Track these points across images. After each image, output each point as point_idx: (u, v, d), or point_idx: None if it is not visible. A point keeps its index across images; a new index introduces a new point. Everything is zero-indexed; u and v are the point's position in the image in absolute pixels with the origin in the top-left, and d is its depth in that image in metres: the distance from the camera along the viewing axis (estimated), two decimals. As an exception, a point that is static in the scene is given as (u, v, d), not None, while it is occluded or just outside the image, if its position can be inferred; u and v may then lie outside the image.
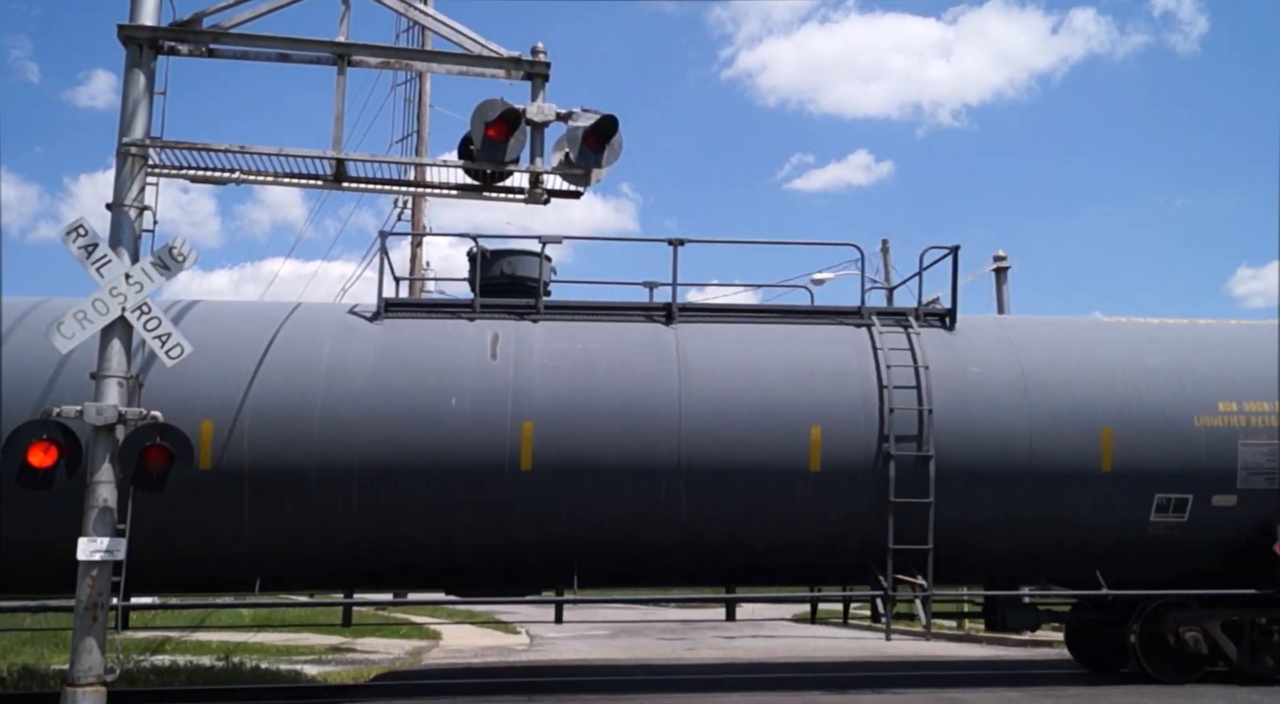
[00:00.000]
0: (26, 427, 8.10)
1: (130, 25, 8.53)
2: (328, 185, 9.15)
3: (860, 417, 9.99)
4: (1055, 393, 10.33)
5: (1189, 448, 10.38)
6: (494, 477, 9.41)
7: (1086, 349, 10.77)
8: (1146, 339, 11.04)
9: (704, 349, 10.15)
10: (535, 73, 9.02)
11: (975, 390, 10.29)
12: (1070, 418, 10.22)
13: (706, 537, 9.84)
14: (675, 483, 9.63)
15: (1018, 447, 10.12)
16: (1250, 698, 10.05)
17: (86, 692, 7.90)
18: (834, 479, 9.86)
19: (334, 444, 9.31)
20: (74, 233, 8.20)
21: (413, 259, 20.40)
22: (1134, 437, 10.31)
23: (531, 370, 9.77)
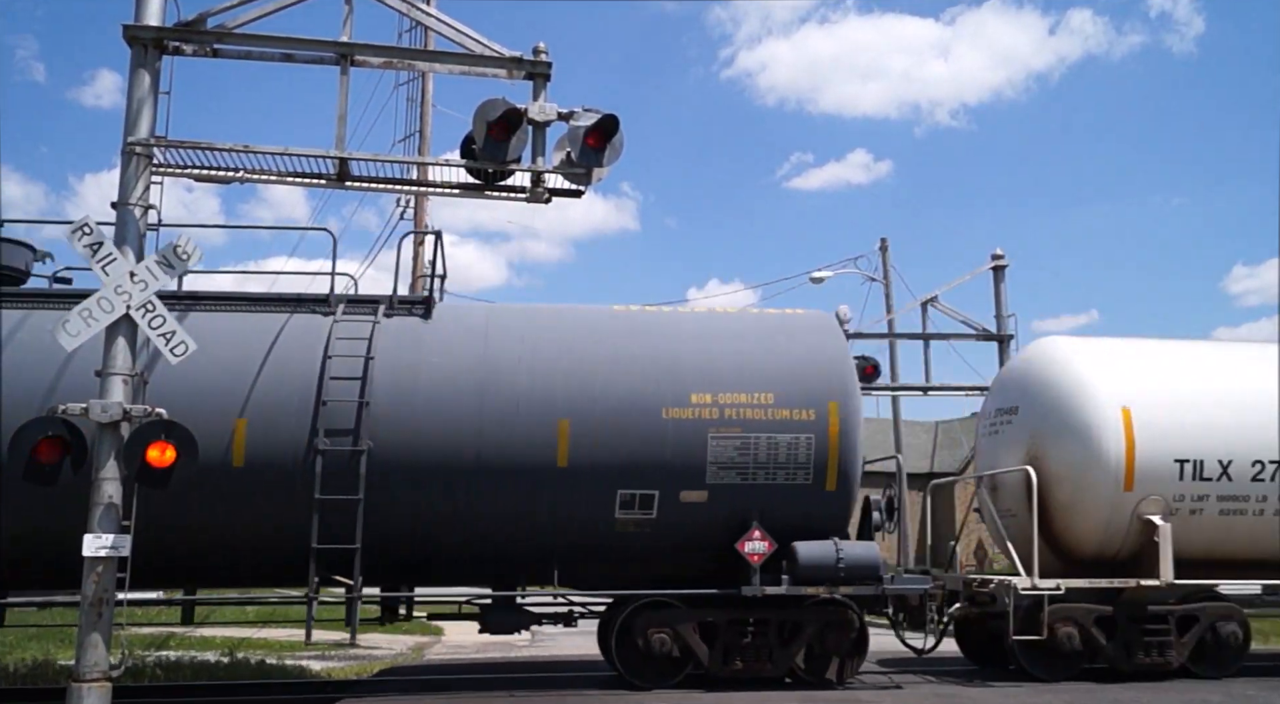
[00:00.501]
0: (33, 423, 8.18)
1: (135, 25, 8.59)
2: (331, 184, 9.22)
3: (295, 410, 9.48)
4: (515, 384, 9.78)
5: (655, 441, 9.84)
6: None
7: (564, 339, 10.21)
8: (633, 330, 10.47)
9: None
10: (537, 72, 9.08)
11: (430, 382, 9.76)
12: (528, 410, 9.65)
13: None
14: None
15: (467, 440, 9.60)
16: (1247, 692, 10.11)
17: (92, 687, 7.96)
18: (262, 476, 9.33)
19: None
20: (79, 231, 8.27)
21: (415, 259, 20.44)
22: (595, 430, 9.78)
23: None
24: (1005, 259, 19.42)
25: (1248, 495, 11.12)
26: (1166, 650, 10.85)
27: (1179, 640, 10.91)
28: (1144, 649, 10.82)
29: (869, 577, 10.04)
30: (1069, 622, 10.73)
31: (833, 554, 9.93)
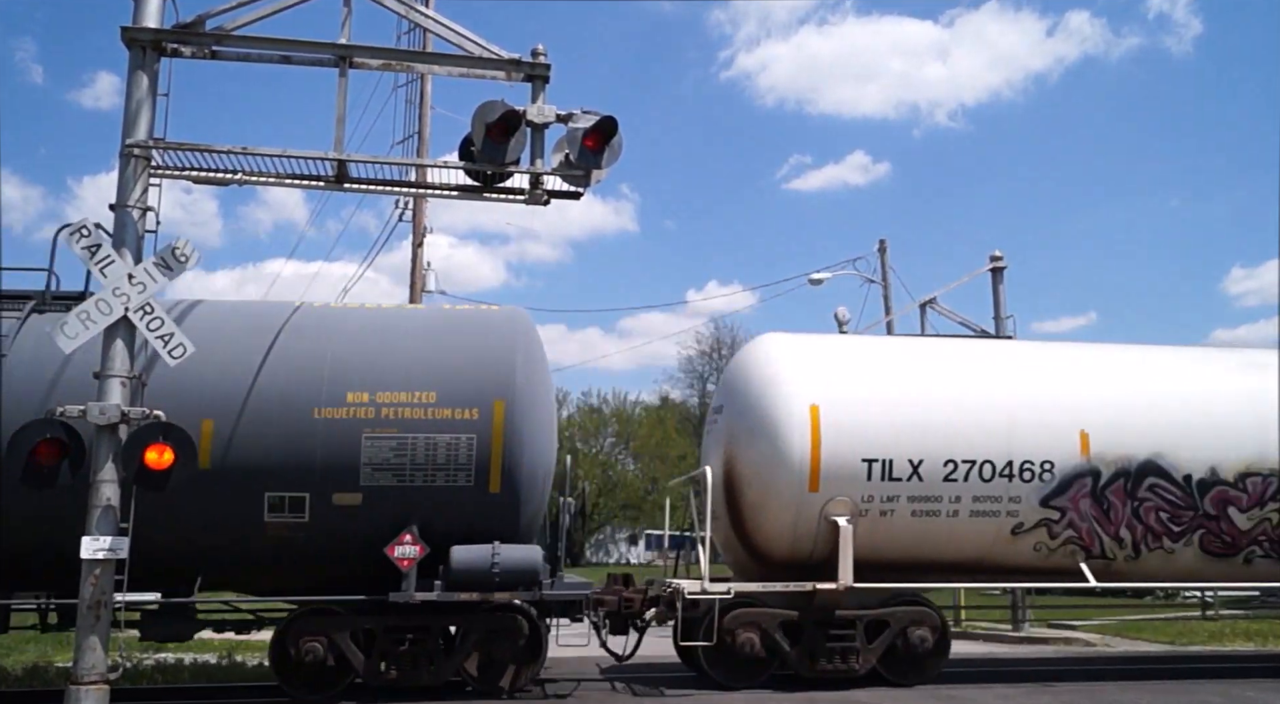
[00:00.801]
0: (31, 426, 8.18)
1: (134, 28, 8.60)
2: (329, 186, 9.22)
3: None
4: (158, 382, 9.14)
5: (305, 442, 9.43)
6: None
7: (213, 335, 9.59)
8: (293, 327, 10.01)
9: None
10: (535, 74, 9.09)
11: (67, 381, 9.20)
12: (168, 410, 8.63)
13: None
14: None
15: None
16: (1246, 693, 10.12)
17: (90, 689, 7.97)
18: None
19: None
20: (78, 233, 8.27)
21: (414, 260, 20.41)
22: (240, 430, 9.36)
23: None
24: (1004, 261, 19.40)
25: (940, 496, 10.63)
26: (851, 657, 10.33)
27: (867, 646, 10.36)
28: (827, 655, 10.31)
29: (527, 581, 9.58)
30: (751, 627, 10.25)
31: (487, 558, 9.48)
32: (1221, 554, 11.03)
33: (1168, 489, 10.89)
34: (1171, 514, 10.91)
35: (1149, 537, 10.88)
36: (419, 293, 20.19)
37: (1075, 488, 10.79)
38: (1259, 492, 10.98)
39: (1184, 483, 10.91)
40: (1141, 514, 10.85)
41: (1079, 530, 10.83)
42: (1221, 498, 10.95)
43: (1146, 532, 10.88)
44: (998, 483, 10.72)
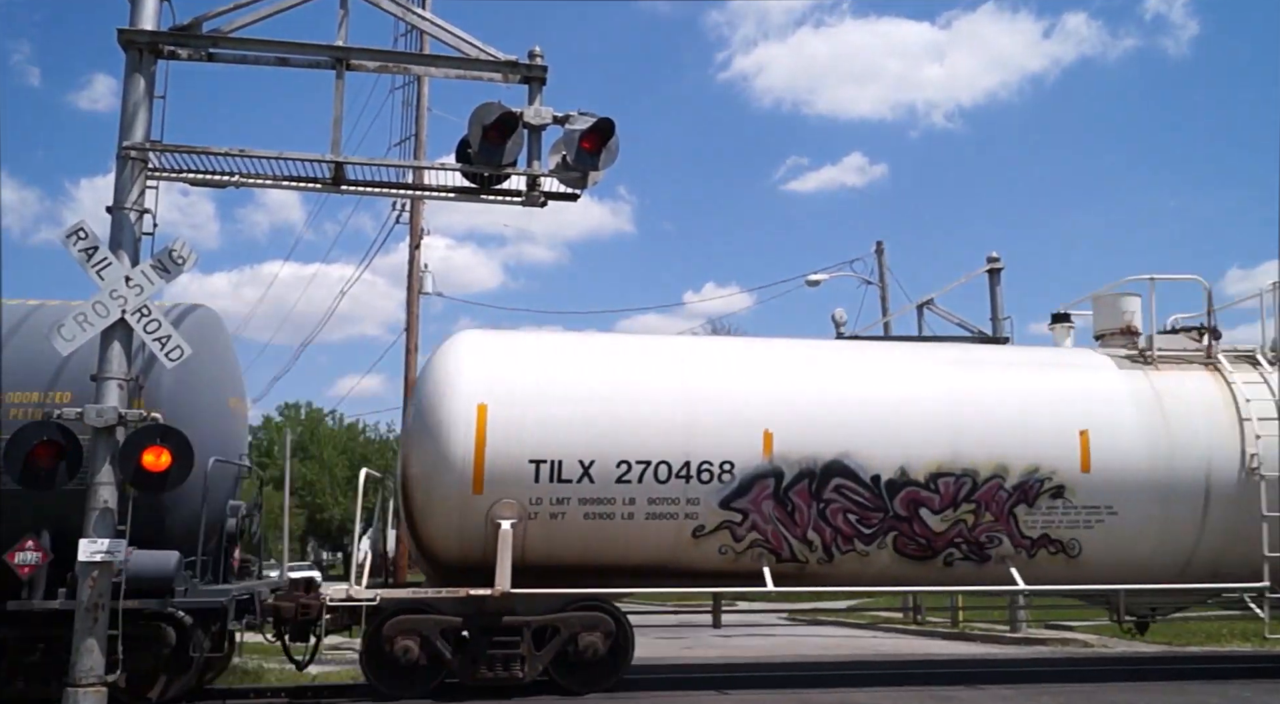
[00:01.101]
0: (28, 428, 8.18)
1: (130, 30, 8.61)
2: (326, 188, 9.23)
3: None
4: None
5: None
6: None
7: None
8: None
9: None
10: (532, 76, 9.10)
11: None
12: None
13: None
14: None
15: None
16: (1244, 693, 10.13)
17: (88, 692, 7.97)
18: None
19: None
20: (75, 236, 8.27)
21: (411, 262, 20.42)
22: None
23: None
24: (1001, 262, 19.43)
25: (613, 498, 10.06)
26: (514, 664, 9.77)
27: (533, 653, 9.78)
28: (489, 663, 9.76)
29: (157, 588, 9.01)
30: (411, 635, 9.68)
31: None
32: (918, 557, 10.51)
33: (855, 490, 10.32)
34: (860, 516, 10.33)
35: (839, 539, 10.32)
36: (416, 294, 20.19)
37: (757, 489, 10.20)
38: (952, 492, 10.42)
39: (872, 484, 10.33)
40: (829, 516, 10.28)
41: (764, 533, 10.25)
42: (912, 499, 10.39)
43: (836, 534, 10.31)
44: (675, 484, 10.14)
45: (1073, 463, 10.64)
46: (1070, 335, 13.23)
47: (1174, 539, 10.80)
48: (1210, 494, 10.79)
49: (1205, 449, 10.87)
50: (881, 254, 24.54)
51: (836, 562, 10.45)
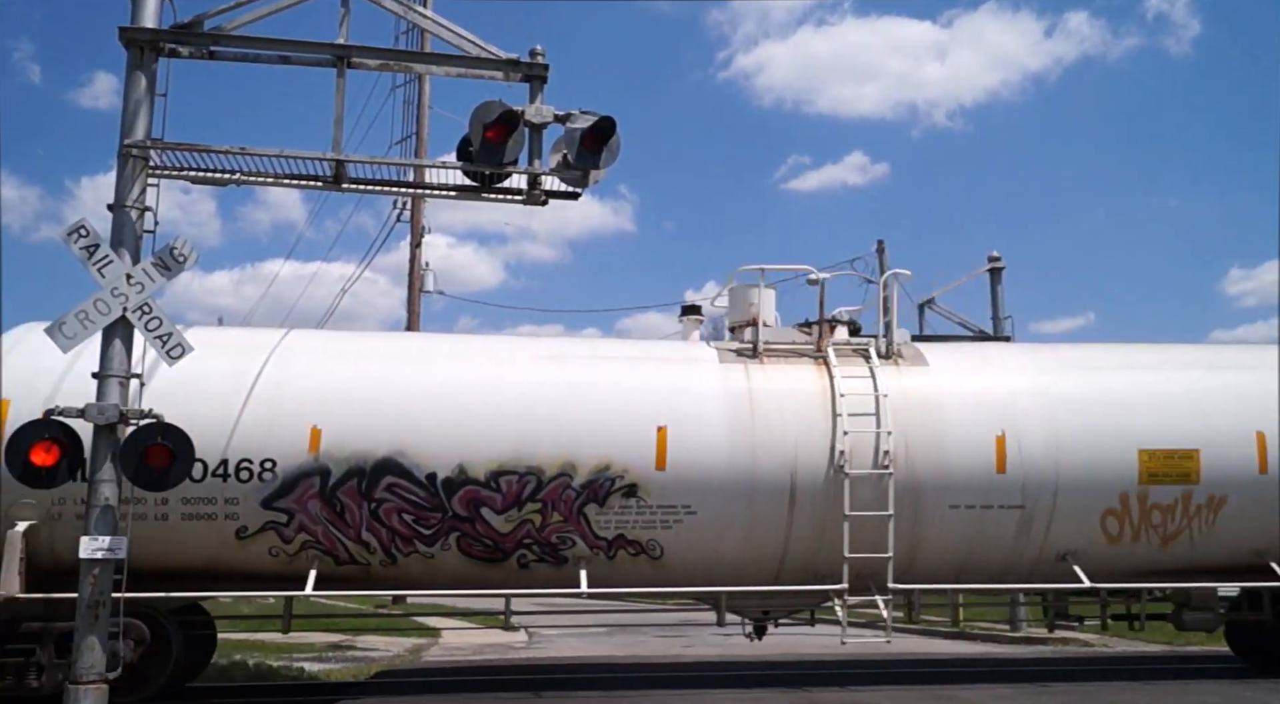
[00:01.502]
0: (29, 426, 8.18)
1: (131, 28, 8.59)
2: (327, 187, 9.22)
3: None
4: None
5: None
6: None
7: None
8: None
9: None
10: (534, 75, 9.09)
11: None
12: None
13: None
14: None
15: None
16: (1244, 693, 10.14)
17: (89, 689, 7.97)
18: None
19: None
20: (76, 234, 8.27)
21: (412, 260, 20.46)
22: None
23: None
24: (1002, 261, 19.45)
25: (143, 498, 9.11)
26: (29, 673, 9.05)
27: (55, 662, 9.01)
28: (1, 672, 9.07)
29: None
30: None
31: None
32: (487, 558, 9.96)
33: (409, 489, 9.75)
34: (417, 516, 9.78)
35: (399, 540, 9.82)
36: (417, 293, 20.23)
37: (301, 488, 9.62)
38: (515, 492, 9.82)
39: (428, 482, 9.75)
40: (383, 516, 9.74)
41: (314, 534, 9.71)
42: (472, 498, 9.79)
43: (394, 535, 9.80)
44: (211, 483, 9.53)
45: (647, 461, 9.99)
46: (700, 328, 12.93)
47: (761, 540, 10.22)
48: (796, 493, 10.16)
49: (793, 446, 10.22)
50: (883, 253, 24.53)
51: (401, 564, 9.96)
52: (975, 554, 10.55)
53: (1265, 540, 10.77)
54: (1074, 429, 10.61)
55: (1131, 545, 10.64)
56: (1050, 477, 10.44)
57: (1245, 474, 10.71)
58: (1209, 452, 10.69)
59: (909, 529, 10.27)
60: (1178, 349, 11.97)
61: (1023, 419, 10.58)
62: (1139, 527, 10.60)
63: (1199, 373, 11.35)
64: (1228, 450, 10.74)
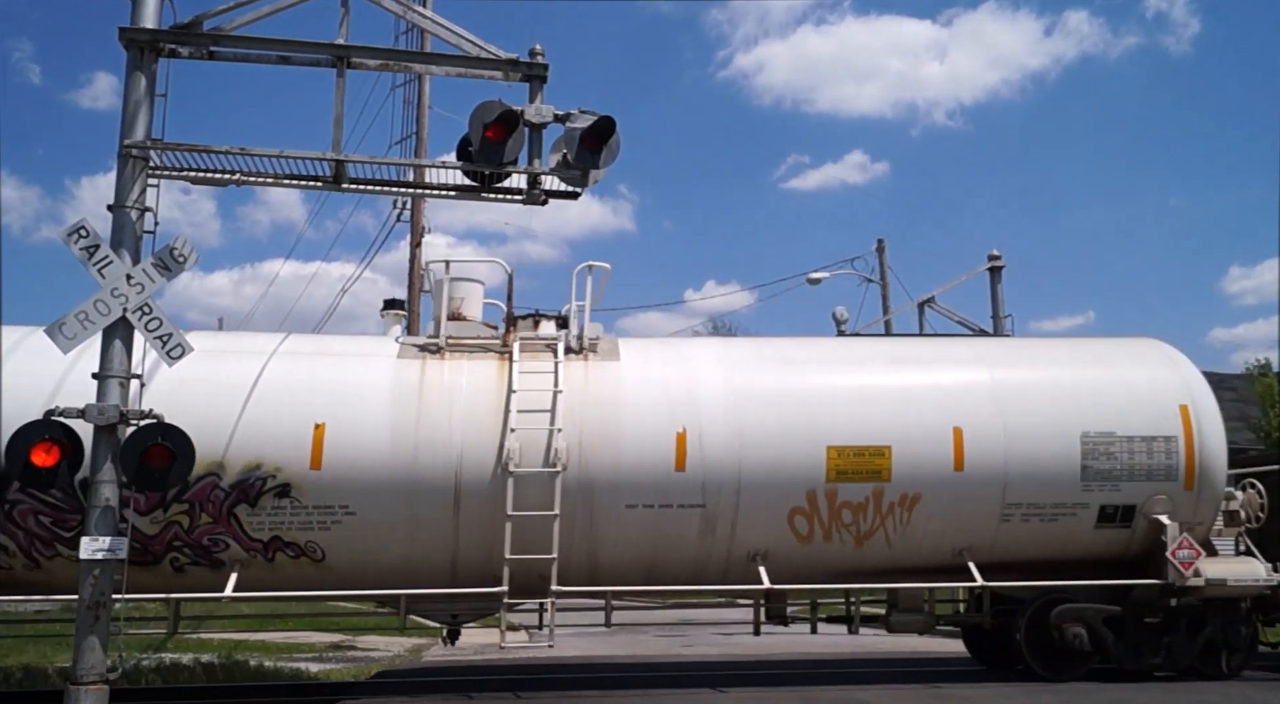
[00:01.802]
0: (29, 427, 8.17)
1: (131, 28, 8.59)
2: (327, 187, 9.21)
3: None
4: None
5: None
6: None
7: None
8: None
9: None
10: (533, 74, 9.09)
11: None
12: None
13: None
14: None
15: None
16: (1245, 693, 10.13)
17: (89, 690, 7.95)
18: None
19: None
20: (75, 234, 8.26)
21: (412, 260, 20.45)
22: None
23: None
24: (1002, 260, 19.40)
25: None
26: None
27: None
28: None
29: None
30: None
31: None
32: (139, 562, 9.32)
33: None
34: (54, 518, 9.44)
35: (38, 543, 9.49)
36: (417, 292, 20.21)
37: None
38: (157, 493, 9.30)
39: (67, 485, 8.98)
40: (17, 518, 9.41)
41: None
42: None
43: (32, 538, 9.46)
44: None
45: (301, 460, 9.57)
46: (401, 322, 12.50)
47: (428, 541, 9.82)
48: (461, 493, 9.72)
49: (459, 444, 9.78)
50: (882, 252, 24.58)
51: (46, 567, 9.59)
52: (660, 554, 10.11)
53: (965, 539, 10.48)
54: (760, 425, 10.12)
55: (824, 545, 10.27)
56: (732, 475, 9.98)
57: (940, 472, 10.32)
58: (902, 448, 10.28)
59: (587, 530, 9.88)
60: (890, 343, 11.64)
61: (706, 415, 10.11)
62: (830, 526, 10.21)
63: (903, 367, 10.97)
64: (922, 447, 10.33)
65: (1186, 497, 10.75)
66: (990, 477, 10.41)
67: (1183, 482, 10.73)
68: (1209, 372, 33.44)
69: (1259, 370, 23.26)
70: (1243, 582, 10.76)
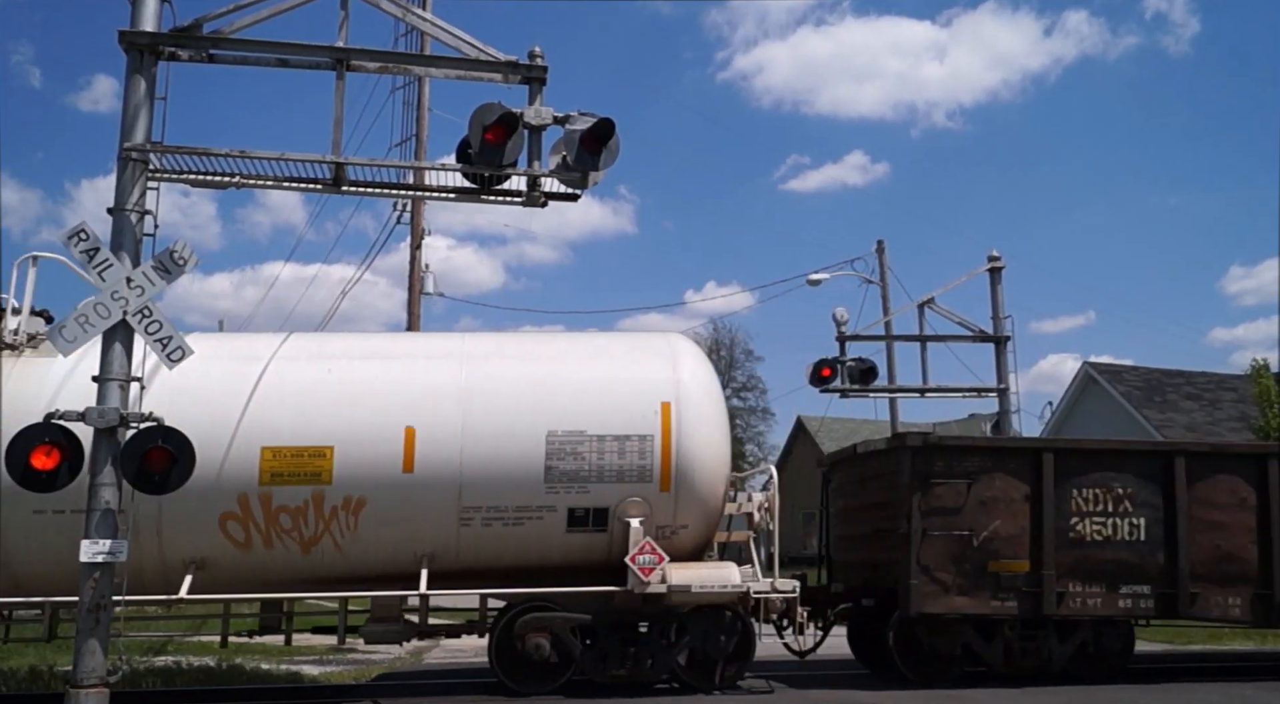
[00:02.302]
0: (29, 430, 8.18)
1: (131, 31, 8.60)
2: (327, 189, 9.23)
3: None
4: None
5: None
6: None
7: None
8: None
9: None
10: (533, 76, 9.10)
11: None
12: None
13: None
14: None
15: None
16: (1245, 693, 10.13)
17: (90, 693, 7.97)
18: None
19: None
20: (76, 237, 8.27)
21: (412, 262, 20.45)
22: None
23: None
24: (1002, 260, 19.41)
25: None
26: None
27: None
28: None
29: None
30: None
31: None
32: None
33: None
34: None
35: None
36: (417, 295, 20.22)
37: None
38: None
39: None
40: None
41: None
42: None
43: None
44: None
45: None
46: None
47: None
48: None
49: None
50: (882, 253, 24.61)
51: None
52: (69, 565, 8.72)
53: (425, 545, 9.85)
54: (192, 426, 8.65)
55: (267, 552, 9.67)
56: None
57: (387, 474, 9.71)
58: (346, 449, 9.69)
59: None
60: (359, 338, 11.02)
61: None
62: (268, 532, 9.62)
63: (361, 363, 10.31)
64: (369, 448, 9.73)
65: (664, 498, 10.09)
66: (443, 478, 9.78)
67: (658, 483, 10.03)
68: (1209, 372, 33.25)
69: (1258, 370, 23.25)
70: (708, 588, 10.03)
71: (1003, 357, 18.96)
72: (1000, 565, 10.87)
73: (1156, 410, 27.88)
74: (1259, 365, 23.43)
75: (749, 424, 52.78)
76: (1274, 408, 21.73)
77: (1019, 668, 11.03)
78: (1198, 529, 11.13)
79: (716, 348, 51.33)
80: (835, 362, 18.99)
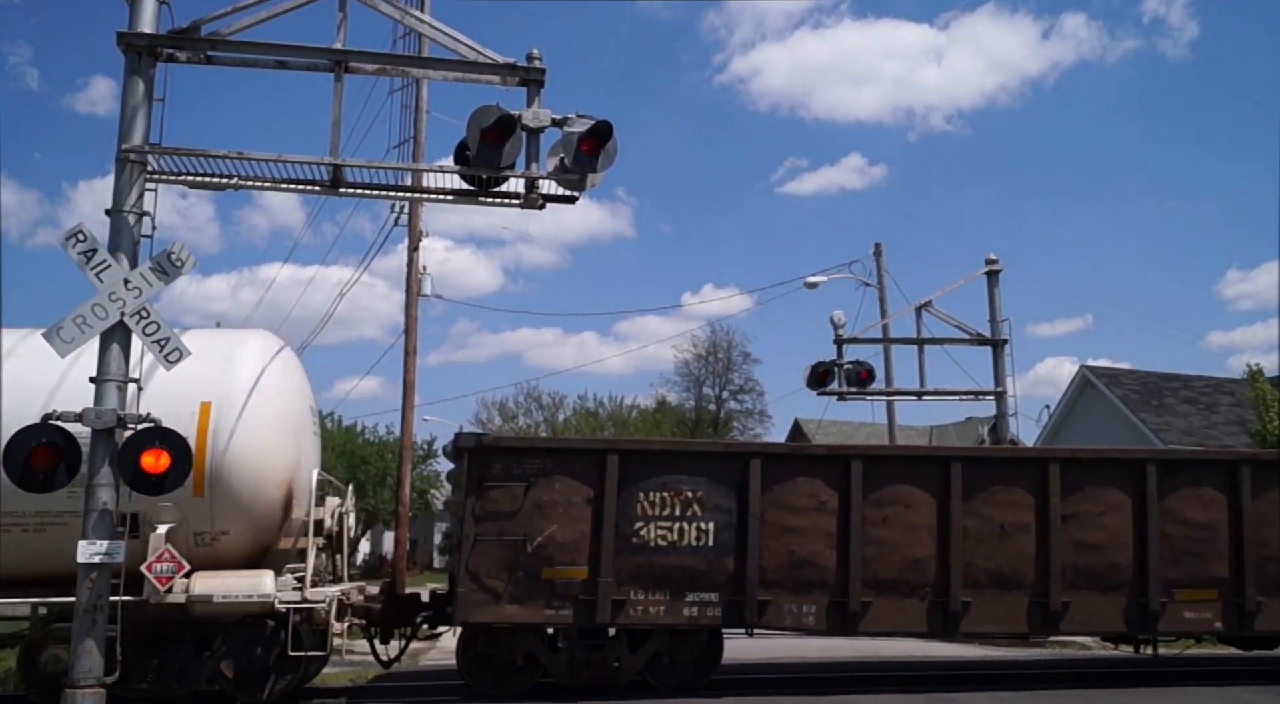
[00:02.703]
0: (27, 431, 8.18)
1: (129, 33, 8.62)
2: (325, 191, 9.24)
3: None
4: None
5: None
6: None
7: None
8: None
9: None
10: (530, 79, 9.11)
11: None
12: None
13: None
14: None
15: None
16: (1243, 697, 10.14)
17: (86, 693, 7.97)
18: None
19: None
20: (73, 238, 8.28)
21: (409, 264, 20.42)
22: None
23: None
24: (999, 263, 19.44)
25: None
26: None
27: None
28: None
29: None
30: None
31: None
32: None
33: None
34: None
35: None
36: (415, 297, 20.19)
37: None
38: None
39: None
40: None
41: None
42: None
43: None
44: None
45: None
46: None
47: None
48: None
49: None
50: (880, 256, 24.56)
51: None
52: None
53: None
54: None
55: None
56: None
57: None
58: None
59: None
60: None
61: None
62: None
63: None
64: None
65: (198, 504, 9.54)
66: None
67: (190, 487, 9.27)
68: (1206, 376, 33.10)
69: (1254, 375, 23.28)
70: (233, 597, 9.49)
71: (1000, 360, 18.99)
72: (554, 572, 10.27)
73: (1153, 414, 27.90)
74: (1255, 370, 23.45)
75: (746, 427, 52.75)
76: (1270, 412, 21.74)
77: (583, 680, 10.43)
78: (770, 534, 10.49)
79: (714, 351, 51.39)
80: (833, 364, 19.02)
